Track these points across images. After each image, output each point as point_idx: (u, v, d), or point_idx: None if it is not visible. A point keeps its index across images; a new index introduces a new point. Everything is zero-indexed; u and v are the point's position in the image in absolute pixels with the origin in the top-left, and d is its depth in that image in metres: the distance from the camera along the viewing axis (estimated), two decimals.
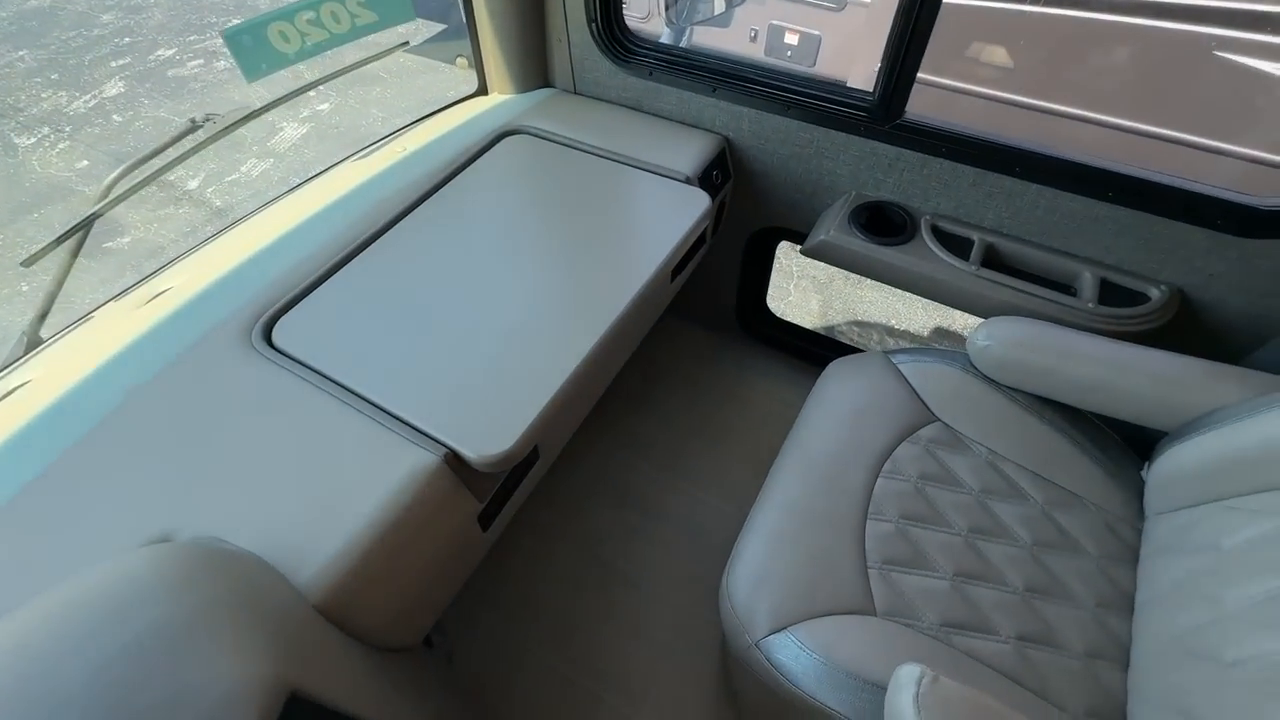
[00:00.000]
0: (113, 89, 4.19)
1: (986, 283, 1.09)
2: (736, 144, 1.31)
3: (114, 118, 3.93)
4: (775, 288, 2.38)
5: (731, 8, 2.16)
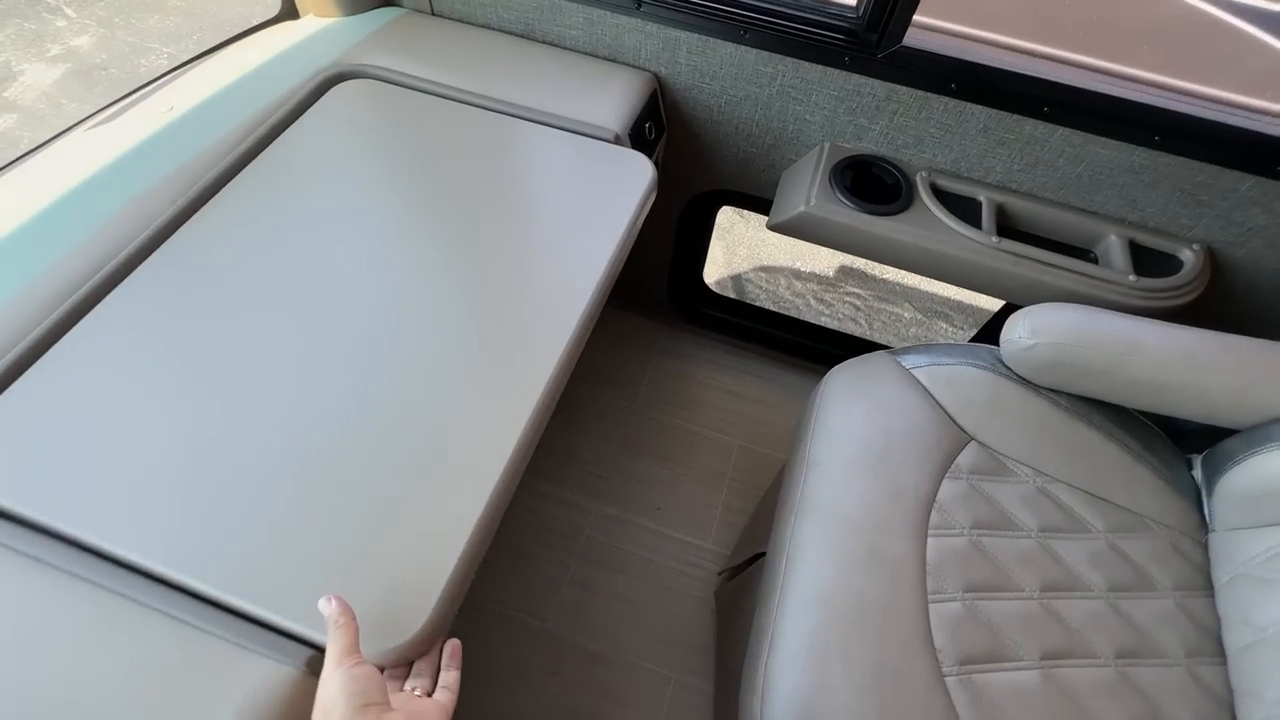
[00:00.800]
0: None
1: (1009, 257, 0.87)
2: (671, 84, 0.97)
3: None
4: None
5: None
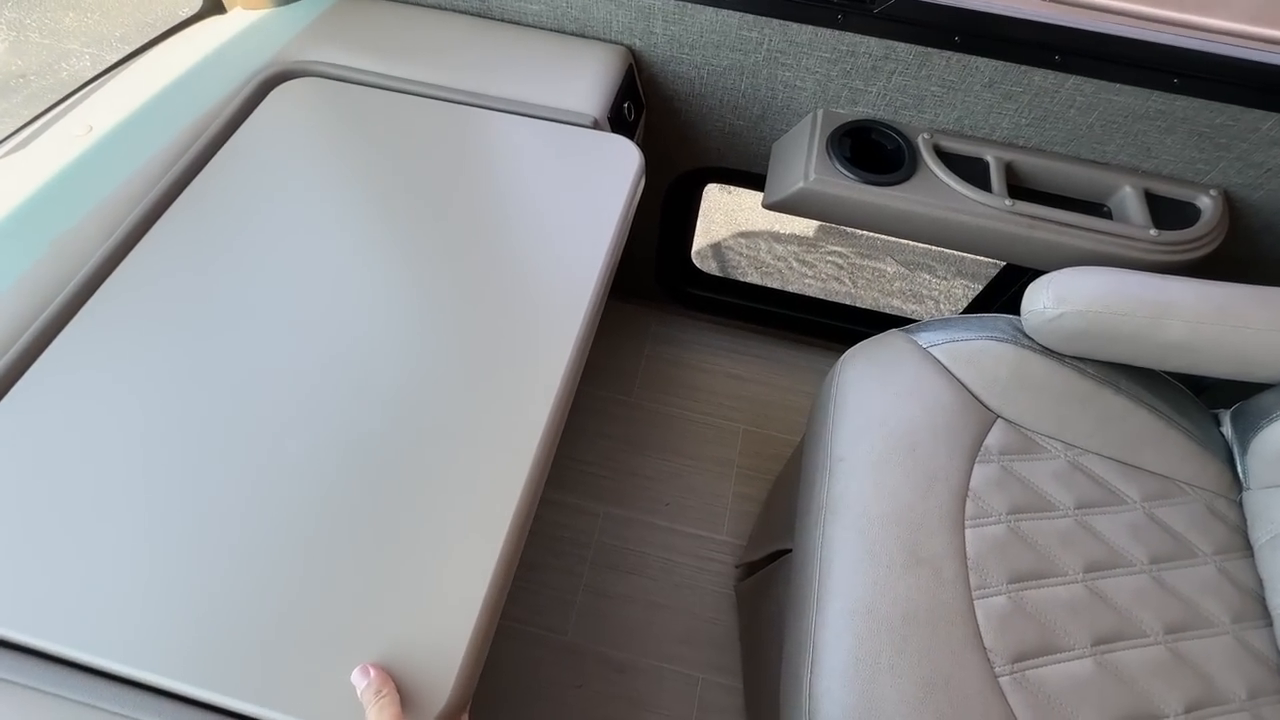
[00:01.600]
0: None
1: (1024, 220, 0.82)
2: (646, 57, 0.89)
3: None
4: None
5: None
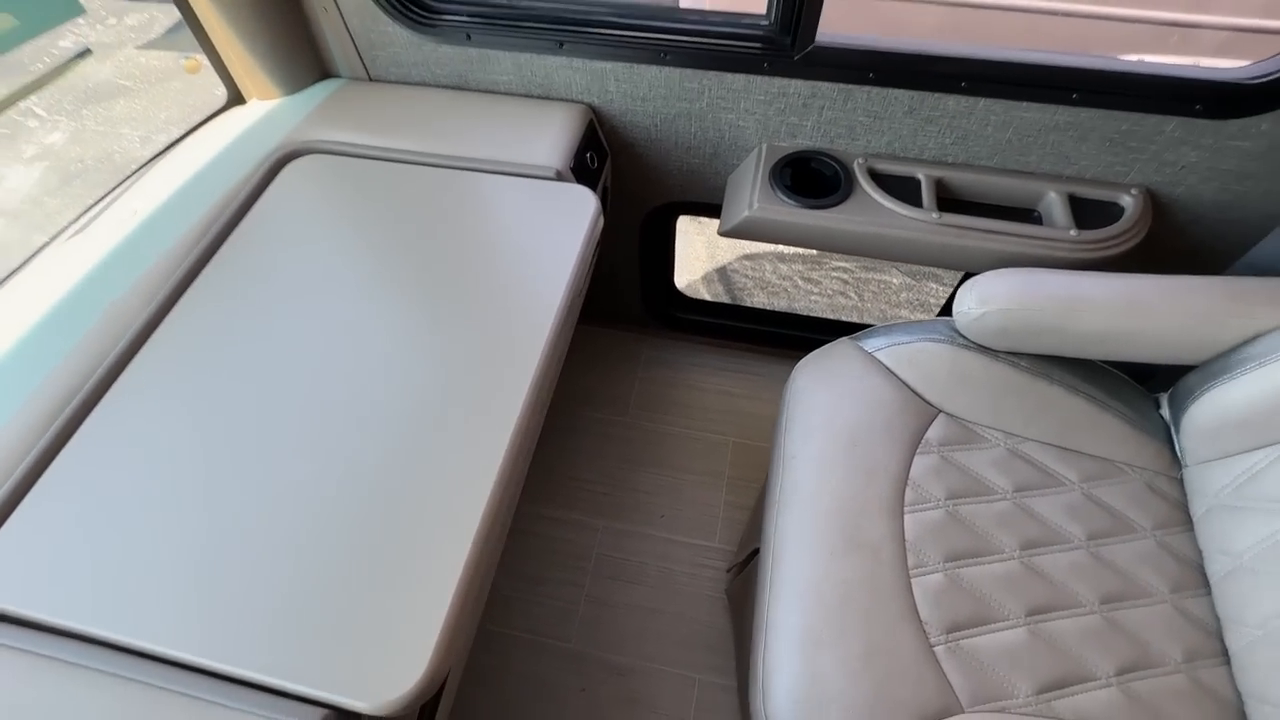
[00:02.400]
0: None
1: (952, 230, 0.90)
2: (605, 112, 1.00)
3: None
4: None
5: None
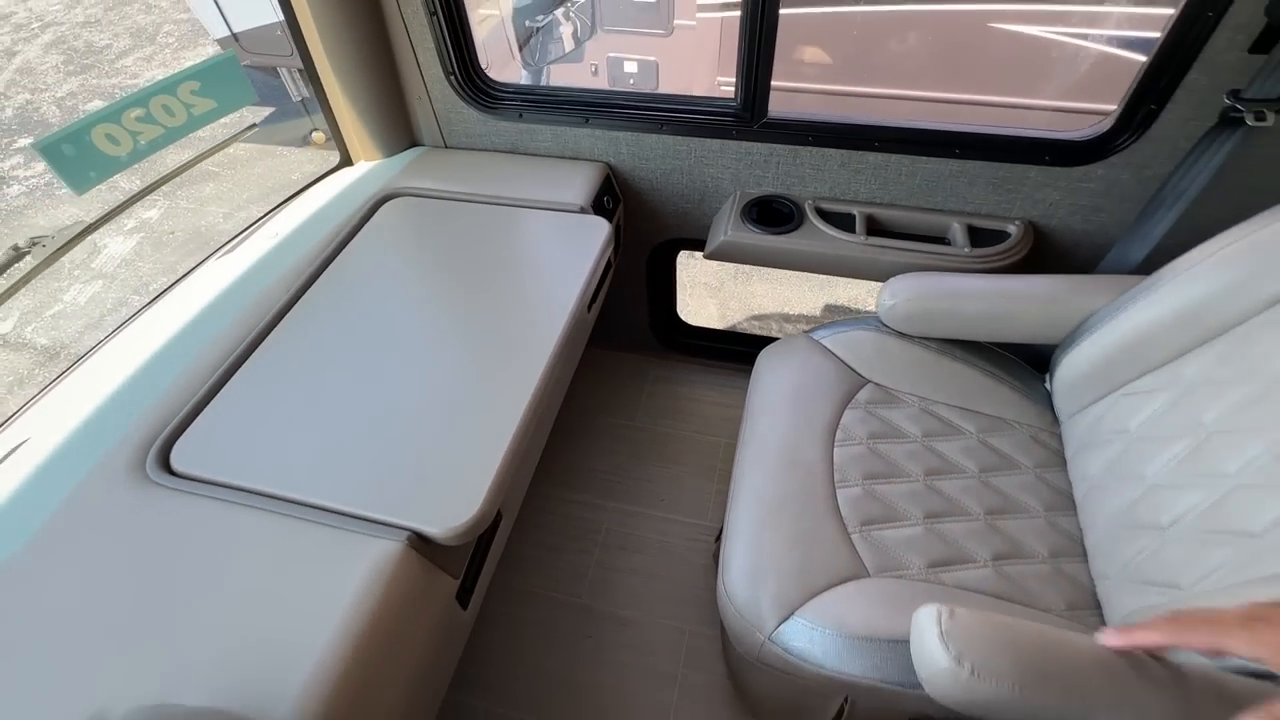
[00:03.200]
0: None
1: (875, 249, 1.18)
2: (619, 168, 1.34)
3: None
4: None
5: (580, 44, 2.24)
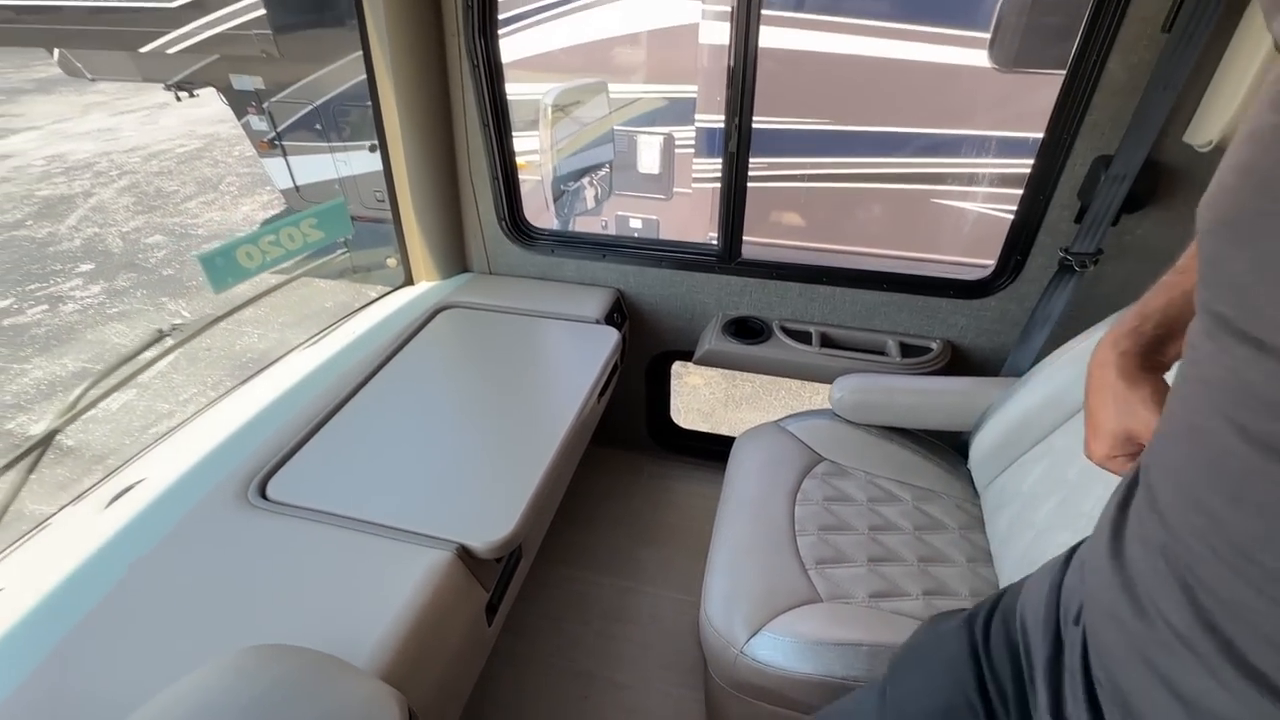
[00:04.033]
0: None
1: (827, 357, 1.50)
2: (627, 292, 1.69)
3: None
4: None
5: (600, 204, 2.79)
